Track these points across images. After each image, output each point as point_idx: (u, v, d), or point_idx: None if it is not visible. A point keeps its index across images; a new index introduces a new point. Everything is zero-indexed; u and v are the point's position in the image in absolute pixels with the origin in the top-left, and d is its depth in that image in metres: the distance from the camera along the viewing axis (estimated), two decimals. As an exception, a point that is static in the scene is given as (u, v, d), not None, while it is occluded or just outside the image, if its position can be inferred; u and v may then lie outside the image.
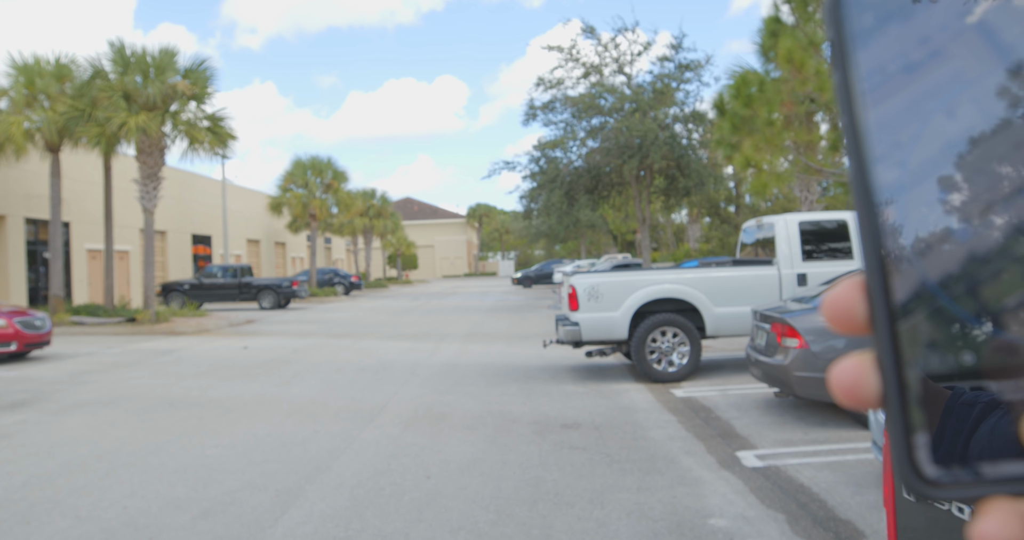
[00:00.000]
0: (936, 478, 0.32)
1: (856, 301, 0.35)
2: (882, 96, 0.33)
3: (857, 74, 0.33)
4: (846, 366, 0.35)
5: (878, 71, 0.33)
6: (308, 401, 8.55)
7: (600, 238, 61.56)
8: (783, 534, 4.21)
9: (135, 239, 27.32)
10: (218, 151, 20.06)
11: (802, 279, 9.30)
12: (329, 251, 53.75)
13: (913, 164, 0.33)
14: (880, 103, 0.33)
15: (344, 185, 36.83)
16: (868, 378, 0.34)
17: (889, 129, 0.33)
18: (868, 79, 0.33)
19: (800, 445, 6.10)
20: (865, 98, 0.33)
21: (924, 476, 0.33)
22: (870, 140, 0.33)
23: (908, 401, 0.33)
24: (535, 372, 10.50)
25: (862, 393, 0.34)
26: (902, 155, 0.33)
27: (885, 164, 0.33)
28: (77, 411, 8.19)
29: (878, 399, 0.33)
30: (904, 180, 0.33)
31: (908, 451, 0.33)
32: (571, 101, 26.06)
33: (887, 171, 0.33)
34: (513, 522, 4.48)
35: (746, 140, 11.26)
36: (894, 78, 0.33)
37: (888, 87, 0.33)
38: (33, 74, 18.61)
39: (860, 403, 0.34)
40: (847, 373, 0.35)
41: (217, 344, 15.40)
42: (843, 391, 0.35)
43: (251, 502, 4.94)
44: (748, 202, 39.79)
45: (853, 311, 0.35)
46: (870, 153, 0.33)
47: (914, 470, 0.33)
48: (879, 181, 0.33)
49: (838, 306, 0.35)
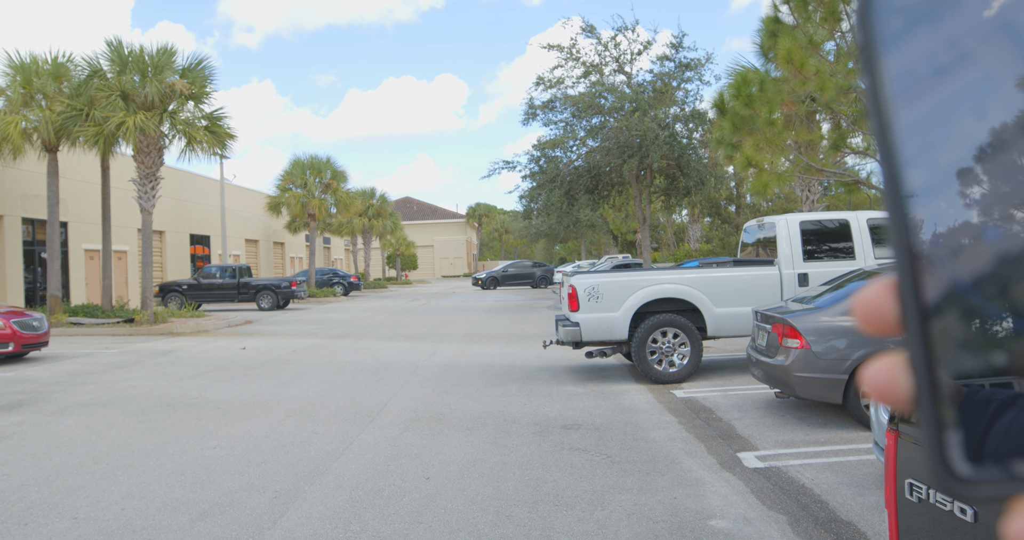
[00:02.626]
0: (969, 476, 0.33)
1: (887, 302, 0.35)
2: (912, 99, 0.33)
3: (887, 77, 0.34)
4: (879, 367, 0.35)
5: (908, 74, 0.34)
6: (307, 402, 8.52)
7: (600, 238, 61.57)
8: (784, 535, 4.18)
9: (133, 239, 27.28)
10: (216, 151, 20.00)
11: (803, 279, 9.27)
12: (328, 251, 53.72)
13: (943, 165, 0.33)
14: (910, 106, 0.33)
15: (343, 185, 36.77)
16: (901, 378, 0.34)
17: (919, 131, 0.33)
18: (898, 82, 0.34)
19: (801, 446, 6.07)
20: (895, 101, 0.34)
21: (956, 474, 0.33)
22: (901, 142, 0.34)
23: (940, 400, 0.33)
24: (535, 373, 10.47)
25: (895, 393, 0.34)
26: (932, 157, 0.33)
27: (916, 166, 0.33)
28: (75, 412, 8.15)
29: (911, 398, 0.34)
30: (934, 181, 0.33)
31: (940, 449, 0.33)
32: (571, 100, 26.03)
33: (918, 173, 0.34)
34: (513, 523, 4.45)
35: (747, 140, 11.24)
36: (924, 81, 0.33)
37: (918, 90, 0.33)
38: (30, 73, 18.56)
39: (894, 403, 0.35)
40: (880, 374, 0.35)
41: (215, 345, 15.36)
42: (877, 391, 0.35)
43: (249, 503, 4.91)
44: (749, 202, 39.79)
45: (884, 312, 0.35)
46: (901, 155, 0.34)
47: (946, 468, 0.33)
48: (910, 183, 0.34)
49: (870, 307, 0.36)
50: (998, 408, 0.34)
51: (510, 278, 42.13)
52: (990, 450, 0.33)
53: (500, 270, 43.01)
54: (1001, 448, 0.33)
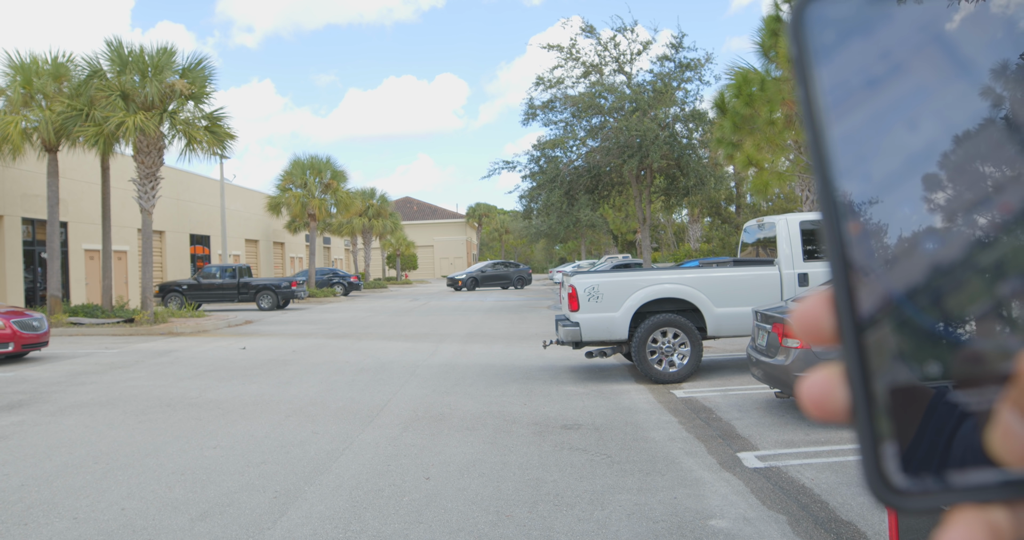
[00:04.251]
0: (903, 487, 0.33)
1: (824, 314, 0.35)
2: (845, 110, 0.33)
3: (821, 89, 0.34)
4: (815, 379, 0.35)
5: (841, 86, 0.34)
6: (307, 402, 8.52)
7: (600, 238, 61.57)
8: (784, 535, 4.18)
9: (133, 239, 27.27)
10: (216, 151, 20.00)
11: (804, 279, 9.27)
12: (328, 251, 53.72)
13: (877, 177, 0.33)
14: (843, 117, 0.33)
15: (343, 185, 36.77)
16: (836, 390, 0.34)
17: (853, 143, 0.33)
18: (831, 94, 0.34)
19: (801, 446, 6.07)
20: (828, 113, 0.34)
21: (891, 485, 0.33)
22: (834, 154, 0.34)
23: (875, 412, 0.33)
24: (535, 373, 10.47)
25: (831, 405, 0.34)
26: (866, 168, 0.33)
27: (850, 177, 0.33)
28: (75, 412, 8.15)
29: (847, 410, 0.34)
30: (869, 193, 0.33)
31: (875, 461, 0.33)
32: (571, 100, 26.03)
33: (852, 184, 0.34)
34: (513, 523, 4.45)
35: (747, 139, 11.24)
36: (857, 93, 0.33)
37: (851, 102, 0.33)
38: (30, 73, 18.56)
39: (829, 415, 0.34)
40: (816, 386, 0.35)
41: (215, 345, 15.36)
42: (813, 404, 0.35)
43: (249, 503, 4.91)
44: (749, 202, 39.79)
45: (821, 324, 0.35)
46: (834, 167, 0.34)
47: (881, 479, 0.33)
48: (844, 194, 0.34)
49: (806, 319, 0.36)
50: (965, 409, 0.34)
51: (489, 279, 41.31)
52: (956, 451, 0.33)
53: (478, 270, 42.08)
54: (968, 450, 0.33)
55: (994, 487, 0.31)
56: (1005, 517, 0.31)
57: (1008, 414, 0.30)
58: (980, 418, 0.32)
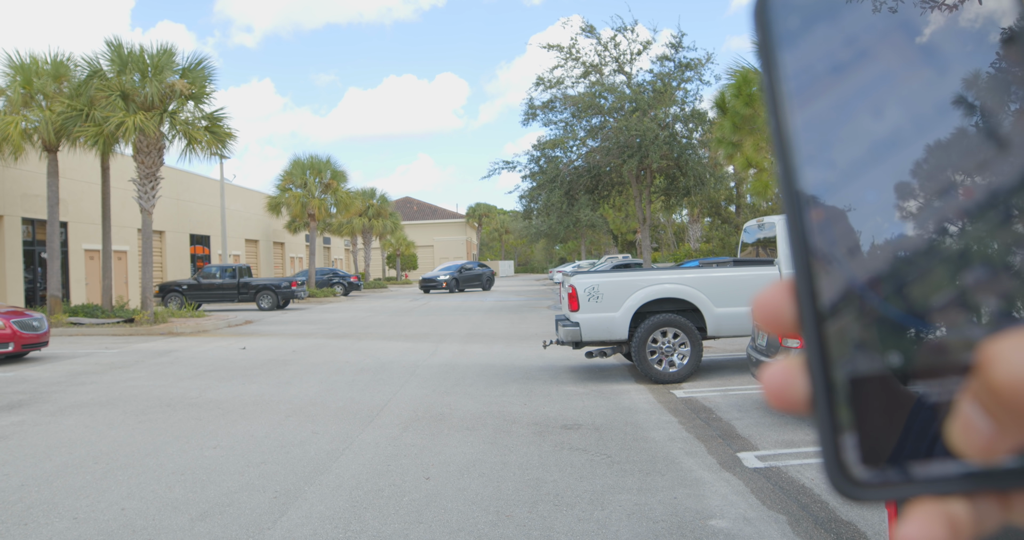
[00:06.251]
0: (864, 479, 0.32)
1: (784, 303, 0.34)
2: (809, 97, 0.33)
3: (783, 76, 0.33)
4: (776, 369, 0.34)
5: (805, 72, 0.33)
6: (307, 402, 8.52)
7: (600, 238, 61.59)
8: (784, 535, 4.18)
9: (133, 239, 27.27)
10: (216, 151, 20.00)
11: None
12: (328, 251, 53.72)
13: (840, 165, 0.33)
14: (807, 104, 0.33)
15: (343, 185, 36.78)
16: (797, 380, 0.34)
17: (816, 130, 0.33)
18: (795, 80, 0.33)
19: (802, 446, 6.07)
20: (792, 100, 0.33)
21: (851, 477, 0.32)
22: (797, 141, 0.33)
23: (835, 401, 0.32)
24: (535, 373, 10.47)
25: (791, 395, 0.34)
26: (829, 156, 0.33)
27: (812, 165, 0.33)
28: (75, 412, 8.15)
29: (807, 401, 0.33)
30: (832, 181, 0.33)
31: (835, 452, 0.32)
32: (571, 100, 26.02)
33: (814, 172, 0.33)
34: (513, 523, 4.45)
35: (747, 139, 11.25)
36: (821, 79, 0.33)
37: (815, 88, 0.33)
38: (30, 73, 18.56)
39: (790, 406, 0.34)
40: (777, 376, 0.34)
41: (215, 345, 15.36)
42: (773, 394, 0.34)
43: (249, 503, 4.91)
44: (749, 202, 39.78)
45: (782, 313, 0.35)
46: (797, 154, 0.33)
47: (841, 471, 0.32)
48: (806, 182, 0.33)
49: (767, 307, 0.35)
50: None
51: (466, 280, 40.90)
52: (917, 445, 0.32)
53: (456, 270, 41.48)
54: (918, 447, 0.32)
55: (954, 479, 0.31)
56: (964, 510, 0.31)
57: (968, 406, 0.30)
58: (941, 409, 0.32)
